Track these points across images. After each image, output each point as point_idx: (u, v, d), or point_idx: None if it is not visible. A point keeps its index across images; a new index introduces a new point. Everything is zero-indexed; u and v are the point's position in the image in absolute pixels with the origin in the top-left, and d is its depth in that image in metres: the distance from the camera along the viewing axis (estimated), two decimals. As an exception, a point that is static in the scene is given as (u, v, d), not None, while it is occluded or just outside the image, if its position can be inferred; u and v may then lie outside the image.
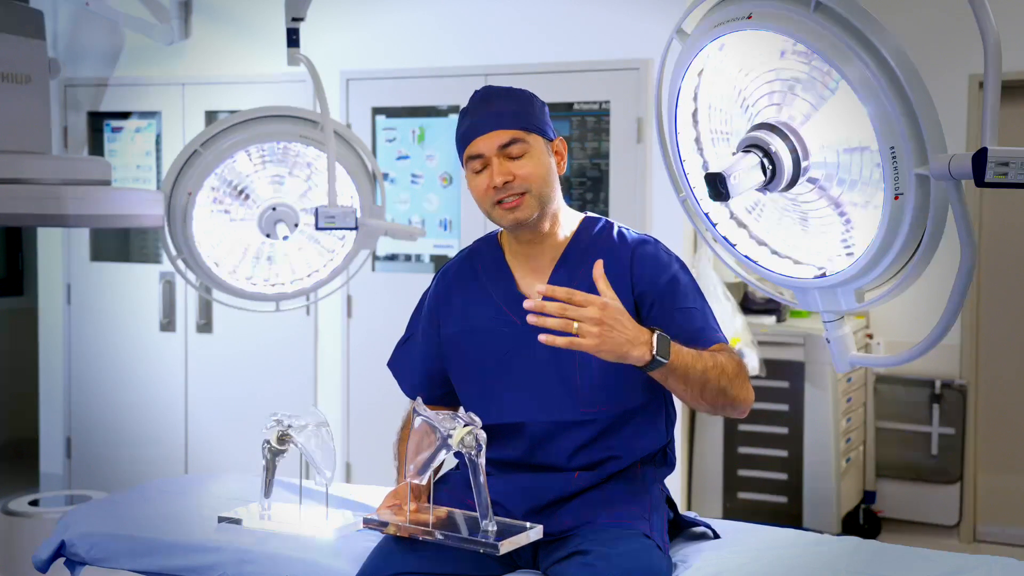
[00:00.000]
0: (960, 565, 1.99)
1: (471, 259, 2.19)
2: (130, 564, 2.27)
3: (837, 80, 1.72)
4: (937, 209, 1.72)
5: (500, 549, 1.84)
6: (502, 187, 2.00)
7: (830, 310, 2.01)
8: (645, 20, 4.10)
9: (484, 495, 1.88)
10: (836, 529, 4.28)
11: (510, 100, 2.05)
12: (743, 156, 1.81)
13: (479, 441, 1.86)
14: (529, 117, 2.04)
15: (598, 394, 2.03)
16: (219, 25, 4.78)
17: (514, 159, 2.01)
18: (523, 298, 2.08)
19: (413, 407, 1.95)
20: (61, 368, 5.11)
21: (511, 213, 2.03)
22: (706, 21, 1.90)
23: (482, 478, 1.87)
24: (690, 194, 2.10)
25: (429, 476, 1.96)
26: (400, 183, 4.56)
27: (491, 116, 2.03)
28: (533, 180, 2.02)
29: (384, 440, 2.28)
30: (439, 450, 1.90)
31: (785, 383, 4.32)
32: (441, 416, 1.90)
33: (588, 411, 2.04)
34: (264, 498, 2.31)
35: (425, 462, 1.93)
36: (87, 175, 3.21)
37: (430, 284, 2.25)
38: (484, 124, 2.02)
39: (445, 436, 1.88)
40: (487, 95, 2.08)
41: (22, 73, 3.22)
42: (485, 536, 1.87)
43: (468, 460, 1.87)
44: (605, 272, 2.01)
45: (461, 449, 1.87)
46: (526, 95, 2.08)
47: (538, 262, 2.10)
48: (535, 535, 1.91)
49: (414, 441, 1.93)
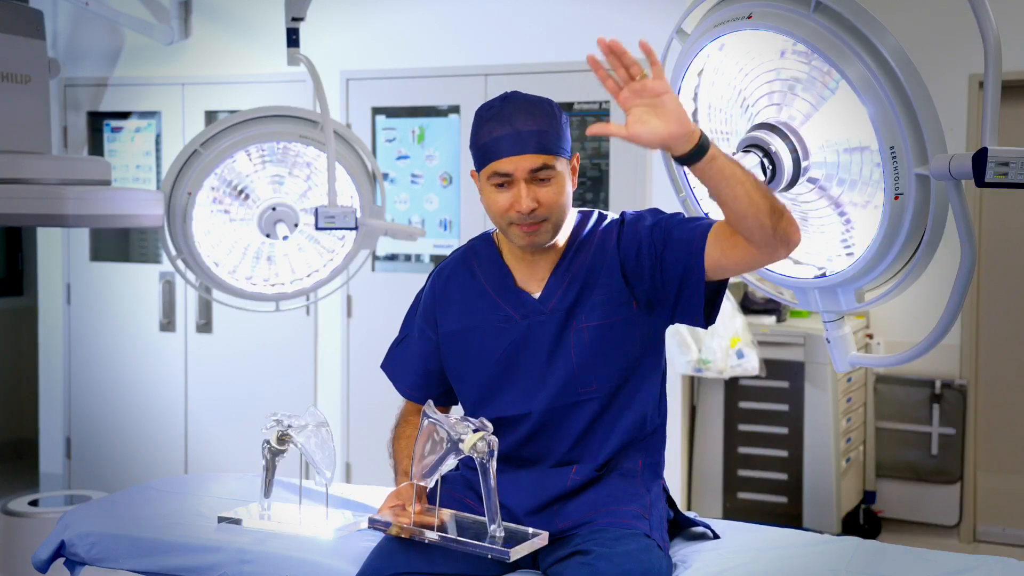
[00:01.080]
0: (960, 565, 1.99)
1: (467, 258, 2.19)
2: (130, 564, 2.27)
3: (837, 80, 1.72)
4: (937, 209, 1.72)
5: (511, 556, 1.84)
6: (528, 213, 1.98)
7: (830, 310, 2.02)
8: (645, 20, 4.10)
9: (494, 500, 1.88)
10: (836, 529, 4.28)
11: (541, 117, 1.99)
12: (743, 156, 1.81)
13: (491, 447, 1.85)
14: (559, 140, 1.99)
15: (592, 372, 2.04)
16: (219, 25, 4.78)
17: (541, 184, 1.99)
18: (521, 292, 2.09)
19: (423, 410, 1.94)
20: (61, 368, 5.11)
21: (528, 237, 2.01)
22: (706, 21, 1.90)
23: (492, 483, 1.87)
24: (690, 194, 2.11)
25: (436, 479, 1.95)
26: (400, 183, 4.56)
27: (525, 136, 1.97)
28: (555, 208, 2.00)
29: (384, 440, 2.28)
30: (448, 454, 1.89)
31: (785, 383, 4.32)
32: (452, 420, 1.89)
33: (585, 390, 2.05)
34: (264, 498, 2.31)
35: (433, 465, 1.92)
36: (87, 175, 3.22)
37: (425, 284, 2.24)
38: (516, 143, 1.97)
39: (456, 441, 1.87)
40: (518, 106, 2.00)
41: (22, 73, 3.22)
42: (493, 541, 1.87)
43: (479, 465, 1.86)
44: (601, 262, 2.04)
45: (473, 454, 1.86)
46: (555, 112, 2.02)
47: (537, 263, 2.10)
48: (540, 542, 1.91)
49: (421, 443, 1.92)
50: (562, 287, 2.06)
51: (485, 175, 2.01)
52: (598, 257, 2.07)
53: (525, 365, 2.07)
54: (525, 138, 1.97)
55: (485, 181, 2.02)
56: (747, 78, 1.87)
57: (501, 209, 2.00)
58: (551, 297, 2.07)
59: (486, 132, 2.00)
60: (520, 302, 2.08)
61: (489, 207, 2.03)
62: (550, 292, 2.07)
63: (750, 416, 4.38)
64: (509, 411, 2.08)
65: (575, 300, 2.05)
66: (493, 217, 2.04)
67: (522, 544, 1.87)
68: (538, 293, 2.08)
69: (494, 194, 2.01)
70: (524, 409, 2.07)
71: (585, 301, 2.05)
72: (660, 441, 2.17)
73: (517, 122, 1.98)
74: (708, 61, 1.92)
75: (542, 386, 2.06)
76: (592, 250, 2.08)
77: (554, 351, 2.06)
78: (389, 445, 2.26)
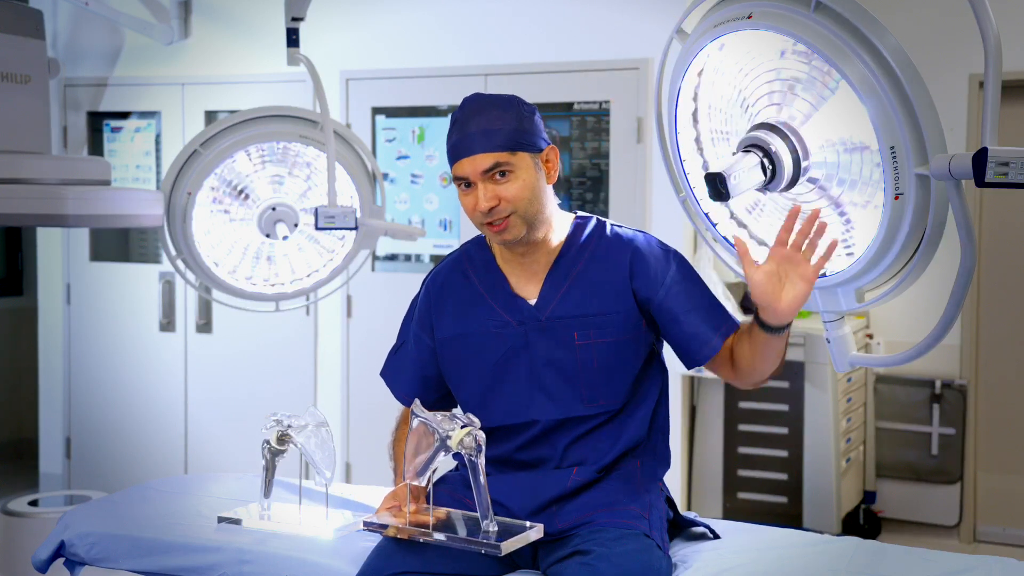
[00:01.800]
0: (960, 565, 1.99)
1: (460, 262, 2.19)
2: (129, 564, 2.27)
3: (837, 80, 1.72)
4: (937, 209, 1.72)
5: (502, 550, 1.84)
6: (488, 212, 1.99)
7: (830, 310, 2.02)
8: (645, 20, 4.10)
9: (484, 496, 1.88)
10: (836, 529, 4.28)
11: (495, 117, 2.00)
12: (743, 156, 1.81)
13: (478, 442, 1.86)
14: (515, 135, 2.00)
15: (599, 389, 2.04)
16: (219, 25, 4.78)
17: (499, 181, 1.99)
18: (517, 298, 2.09)
19: (411, 409, 1.95)
20: (61, 368, 5.11)
21: (499, 235, 2.02)
22: (706, 21, 1.90)
23: (482, 479, 1.87)
24: (690, 194, 2.10)
25: (428, 477, 1.96)
26: (400, 183, 4.56)
27: (476, 136, 1.99)
28: (518, 202, 2.00)
29: (384, 441, 2.28)
30: (438, 451, 1.90)
31: (785, 383, 4.32)
32: (440, 417, 1.90)
33: (591, 406, 2.05)
34: (264, 498, 2.31)
35: (424, 463, 1.93)
36: (87, 175, 3.22)
37: (419, 290, 2.24)
38: (469, 145, 1.99)
39: (444, 437, 1.88)
40: (472, 109, 2.03)
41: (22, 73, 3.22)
42: (486, 536, 1.87)
43: (468, 461, 1.87)
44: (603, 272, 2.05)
45: (460, 450, 1.87)
46: (513, 108, 2.02)
47: (531, 268, 2.10)
48: (535, 535, 1.91)
49: (412, 443, 1.93)
50: (558, 294, 2.06)
51: (454, 180, 2.04)
52: (602, 270, 2.07)
53: (522, 372, 2.07)
54: (473, 139, 1.99)
55: (457, 186, 2.05)
56: (747, 78, 1.87)
57: (469, 212, 2.04)
58: (547, 304, 2.07)
59: (451, 137, 2.05)
60: (516, 307, 2.08)
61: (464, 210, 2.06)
62: (546, 299, 2.07)
63: (750, 416, 4.38)
64: (509, 419, 2.08)
65: (573, 309, 2.05)
66: (470, 219, 2.07)
67: (515, 537, 1.87)
68: (534, 299, 2.08)
69: (462, 198, 2.04)
70: (525, 417, 2.07)
71: (586, 312, 2.05)
72: (662, 443, 2.17)
73: (469, 125, 2.01)
74: (708, 61, 1.92)
75: (543, 395, 2.06)
76: (592, 258, 2.08)
77: (554, 361, 2.06)
78: (389, 448, 2.26)
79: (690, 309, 2.06)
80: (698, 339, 2.05)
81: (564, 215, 2.14)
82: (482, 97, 2.05)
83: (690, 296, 2.07)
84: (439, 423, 1.88)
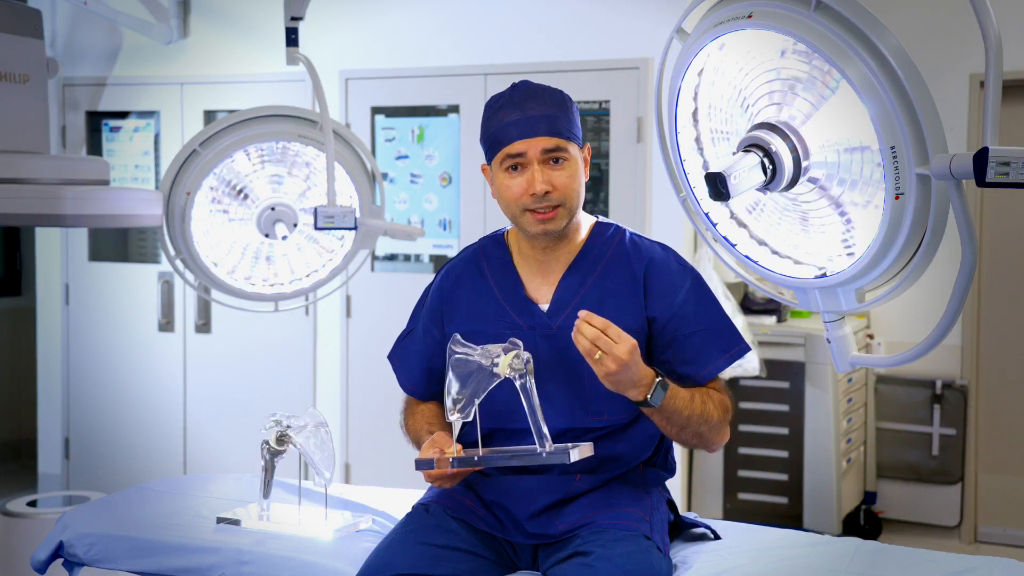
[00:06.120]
0: (961, 566, 1.98)
1: (477, 258, 2.17)
2: (128, 565, 2.27)
3: (838, 79, 1.71)
4: (938, 209, 1.72)
5: (571, 456, 1.84)
6: (542, 196, 1.97)
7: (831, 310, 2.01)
8: (645, 20, 4.09)
9: (539, 418, 1.87)
10: (837, 530, 4.28)
11: (554, 104, 2.00)
12: (743, 156, 1.81)
13: (526, 363, 1.84)
14: (570, 124, 2.00)
15: (607, 402, 2.03)
16: (218, 24, 4.78)
17: (554, 167, 1.98)
18: (529, 302, 2.08)
19: (449, 345, 1.94)
20: (59, 368, 5.10)
21: (542, 224, 2.00)
22: (706, 20, 1.90)
23: (535, 399, 1.86)
24: (690, 194, 2.10)
25: (473, 411, 1.92)
26: (399, 183, 4.56)
27: (536, 119, 1.97)
28: (569, 193, 1.99)
29: (384, 441, 2.27)
30: (484, 381, 1.87)
31: (785, 383, 4.31)
32: (479, 349, 1.88)
33: (597, 418, 2.04)
34: (263, 499, 2.31)
35: (469, 397, 1.89)
36: (85, 175, 3.21)
37: (434, 279, 2.23)
38: (532, 125, 1.97)
39: (491, 366, 1.85)
40: (528, 92, 2.02)
41: (20, 73, 3.21)
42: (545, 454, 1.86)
43: (519, 386, 1.85)
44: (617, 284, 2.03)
45: (510, 374, 1.84)
46: (567, 99, 2.03)
47: (548, 267, 2.08)
48: (589, 450, 1.92)
49: (450, 378, 1.90)
50: (572, 303, 2.05)
51: (497, 162, 2.01)
52: (617, 280, 2.05)
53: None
54: (537, 121, 1.98)
55: (498, 168, 2.01)
56: (747, 77, 1.87)
57: (515, 195, 1.99)
58: (559, 312, 2.05)
59: (496, 120, 2.01)
60: (528, 311, 2.07)
61: (502, 195, 2.02)
62: (558, 306, 2.06)
63: (751, 416, 4.38)
64: (512, 424, 2.07)
65: None
66: (507, 206, 2.03)
67: (579, 447, 1.88)
68: (546, 305, 2.07)
69: (507, 180, 2.00)
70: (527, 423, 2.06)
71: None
72: (668, 454, 2.16)
73: (528, 107, 1.99)
74: (708, 60, 1.91)
75: (548, 403, 2.04)
76: (608, 266, 2.06)
77: (562, 370, 2.04)
78: (403, 430, 2.24)
79: (694, 331, 2.04)
80: (696, 362, 2.04)
81: (585, 216, 2.13)
82: (534, 84, 2.05)
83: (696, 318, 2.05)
84: (482, 353, 1.86)
